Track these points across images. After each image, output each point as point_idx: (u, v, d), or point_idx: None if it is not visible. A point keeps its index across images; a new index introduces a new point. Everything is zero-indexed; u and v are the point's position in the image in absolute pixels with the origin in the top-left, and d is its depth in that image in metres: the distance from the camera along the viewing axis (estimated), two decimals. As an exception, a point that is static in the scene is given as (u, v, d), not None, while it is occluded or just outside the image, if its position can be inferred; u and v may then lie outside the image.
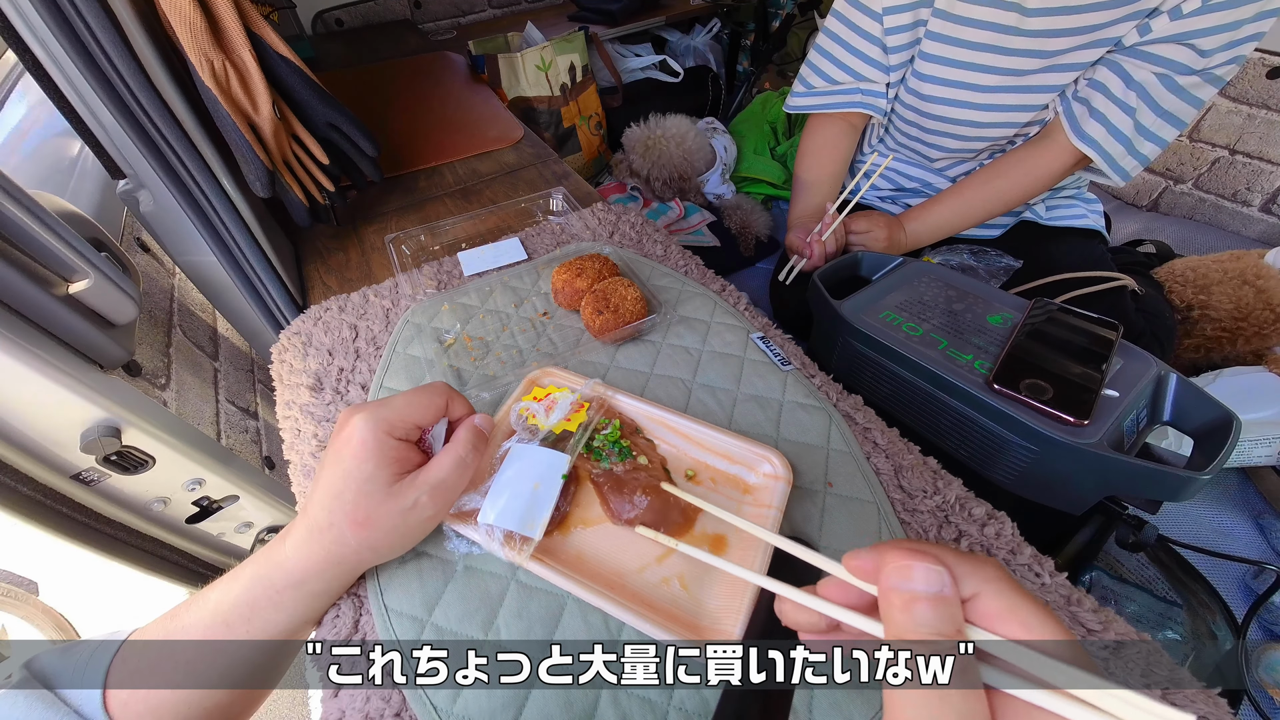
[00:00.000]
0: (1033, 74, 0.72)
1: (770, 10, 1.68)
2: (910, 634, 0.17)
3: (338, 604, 0.39)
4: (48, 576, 0.75)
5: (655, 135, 1.21)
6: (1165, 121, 0.67)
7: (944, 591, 0.18)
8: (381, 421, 0.34)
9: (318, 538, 0.34)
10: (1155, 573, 0.69)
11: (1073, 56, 0.69)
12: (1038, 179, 0.78)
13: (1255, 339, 0.87)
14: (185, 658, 0.33)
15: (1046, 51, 0.69)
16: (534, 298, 0.62)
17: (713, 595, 0.38)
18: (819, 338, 0.69)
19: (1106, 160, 0.70)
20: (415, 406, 0.36)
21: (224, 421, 0.80)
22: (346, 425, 0.35)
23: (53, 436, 0.55)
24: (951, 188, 0.86)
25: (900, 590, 0.18)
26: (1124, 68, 0.67)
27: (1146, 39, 0.65)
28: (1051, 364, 0.52)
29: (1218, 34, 0.61)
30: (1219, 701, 0.34)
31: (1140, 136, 0.68)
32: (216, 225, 0.60)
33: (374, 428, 0.34)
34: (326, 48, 1.38)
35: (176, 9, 0.50)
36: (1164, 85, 0.65)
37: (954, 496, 0.44)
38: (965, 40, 0.73)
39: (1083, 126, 0.71)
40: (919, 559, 0.18)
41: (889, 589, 0.18)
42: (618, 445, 0.44)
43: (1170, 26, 0.63)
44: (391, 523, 0.34)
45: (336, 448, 0.35)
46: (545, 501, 0.40)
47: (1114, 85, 0.68)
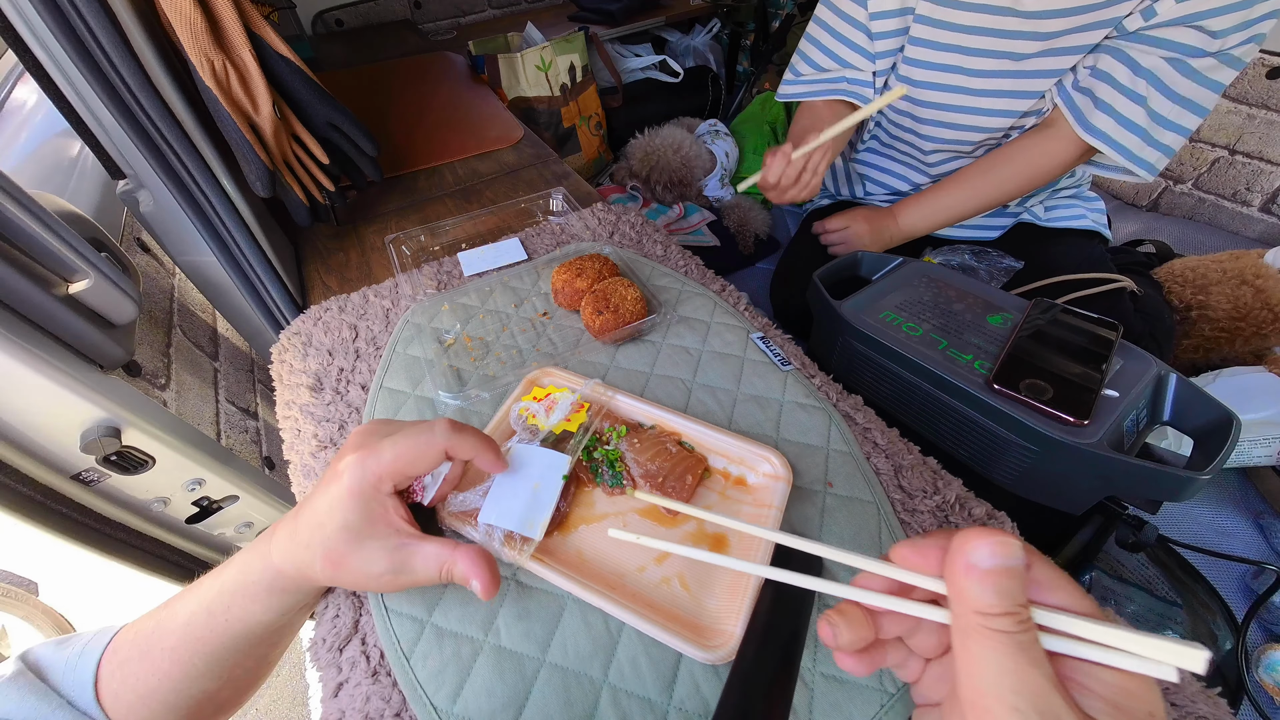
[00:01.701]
0: (1030, 58, 0.69)
1: (770, 10, 1.68)
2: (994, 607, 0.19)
3: (338, 604, 0.39)
4: (48, 576, 0.75)
5: (654, 144, 1.23)
6: (1184, 108, 0.63)
7: (1020, 564, 0.20)
8: (370, 475, 0.34)
9: (297, 550, 0.34)
10: (1155, 573, 0.69)
11: (1071, 39, 0.66)
12: (1042, 169, 0.74)
13: (1254, 339, 0.87)
14: (170, 644, 0.33)
15: (1043, 33, 0.66)
16: (534, 298, 0.62)
17: (713, 595, 0.38)
18: (819, 338, 0.69)
19: (1122, 153, 0.66)
20: (410, 459, 0.34)
21: (224, 421, 0.80)
22: (340, 461, 0.34)
23: (53, 436, 0.55)
24: (951, 176, 0.83)
25: (980, 567, 0.19)
26: (1130, 55, 0.63)
27: (1152, 23, 0.61)
28: (1051, 364, 0.52)
29: (1229, 13, 0.57)
30: (1219, 701, 0.34)
31: (1158, 125, 0.64)
32: (216, 225, 0.60)
33: (361, 480, 0.33)
34: (326, 48, 1.38)
35: (177, 9, 0.50)
36: (1176, 70, 0.61)
37: (954, 496, 0.44)
38: (956, 24, 0.70)
39: (1089, 119, 0.67)
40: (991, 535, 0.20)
41: (968, 566, 0.20)
42: (613, 468, 0.44)
43: (1177, 9, 0.59)
44: (357, 576, 0.34)
45: (327, 480, 0.35)
46: (545, 502, 0.40)
47: (1120, 74, 0.64)
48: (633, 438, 0.45)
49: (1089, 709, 0.18)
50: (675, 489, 0.42)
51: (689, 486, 0.42)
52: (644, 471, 0.43)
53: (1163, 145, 0.65)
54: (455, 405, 0.50)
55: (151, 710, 0.32)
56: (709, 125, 1.37)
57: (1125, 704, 0.18)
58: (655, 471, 0.43)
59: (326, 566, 0.33)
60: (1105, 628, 0.19)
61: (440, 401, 0.50)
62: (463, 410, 0.50)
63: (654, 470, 0.43)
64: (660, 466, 0.43)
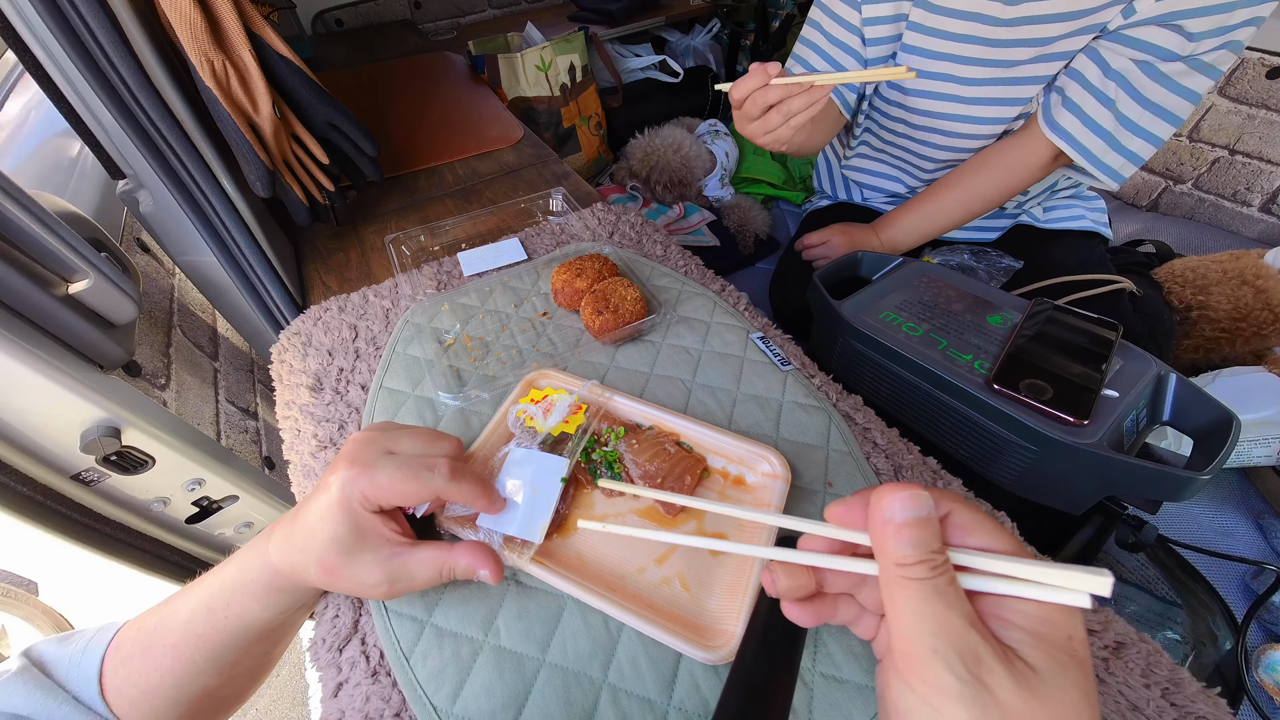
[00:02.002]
0: (1021, 64, 0.68)
1: (770, 10, 1.68)
2: (909, 558, 0.20)
3: (338, 604, 0.39)
4: (48, 576, 0.75)
5: (654, 144, 1.23)
6: (1154, 115, 0.61)
7: (931, 515, 0.21)
8: (357, 495, 0.33)
9: (293, 554, 0.34)
10: (1155, 573, 0.69)
11: (1061, 45, 0.65)
12: (1016, 174, 0.73)
13: (1254, 339, 0.87)
14: (172, 641, 0.33)
15: (1033, 40, 0.65)
16: (534, 298, 0.62)
17: (713, 596, 0.38)
18: (819, 338, 0.68)
19: (1086, 157, 0.65)
20: (401, 493, 0.34)
21: (224, 421, 0.80)
22: (333, 474, 0.34)
23: (53, 436, 0.55)
24: (930, 186, 0.82)
25: (894, 521, 0.21)
26: (1101, 55, 0.62)
27: (1130, 21, 0.60)
28: (1051, 364, 0.52)
29: (1207, 15, 0.56)
30: (1219, 701, 0.34)
31: (1125, 130, 0.63)
32: (216, 225, 0.60)
33: (348, 497, 0.33)
34: (326, 48, 1.38)
35: (176, 9, 0.50)
36: (1145, 73, 0.60)
37: (954, 496, 0.44)
38: (946, 31, 0.69)
39: (1054, 116, 0.66)
40: (903, 490, 0.21)
41: (885, 521, 0.21)
42: (611, 469, 0.44)
43: (1155, 7, 0.57)
44: (352, 585, 0.34)
45: (319, 489, 0.35)
46: (545, 505, 0.40)
47: (1090, 73, 0.63)
48: (631, 438, 0.45)
49: (1011, 640, 0.20)
50: (674, 489, 0.42)
51: (688, 487, 0.42)
52: (643, 472, 0.43)
53: (1128, 151, 0.64)
54: (455, 405, 0.50)
55: (154, 706, 0.32)
56: (709, 125, 1.37)
57: (1045, 632, 0.19)
58: (654, 472, 0.43)
59: (322, 574, 0.33)
60: (1019, 563, 0.20)
61: (440, 402, 0.50)
62: (462, 410, 0.50)
63: (652, 471, 0.43)
64: (659, 467, 0.43)
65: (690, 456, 0.45)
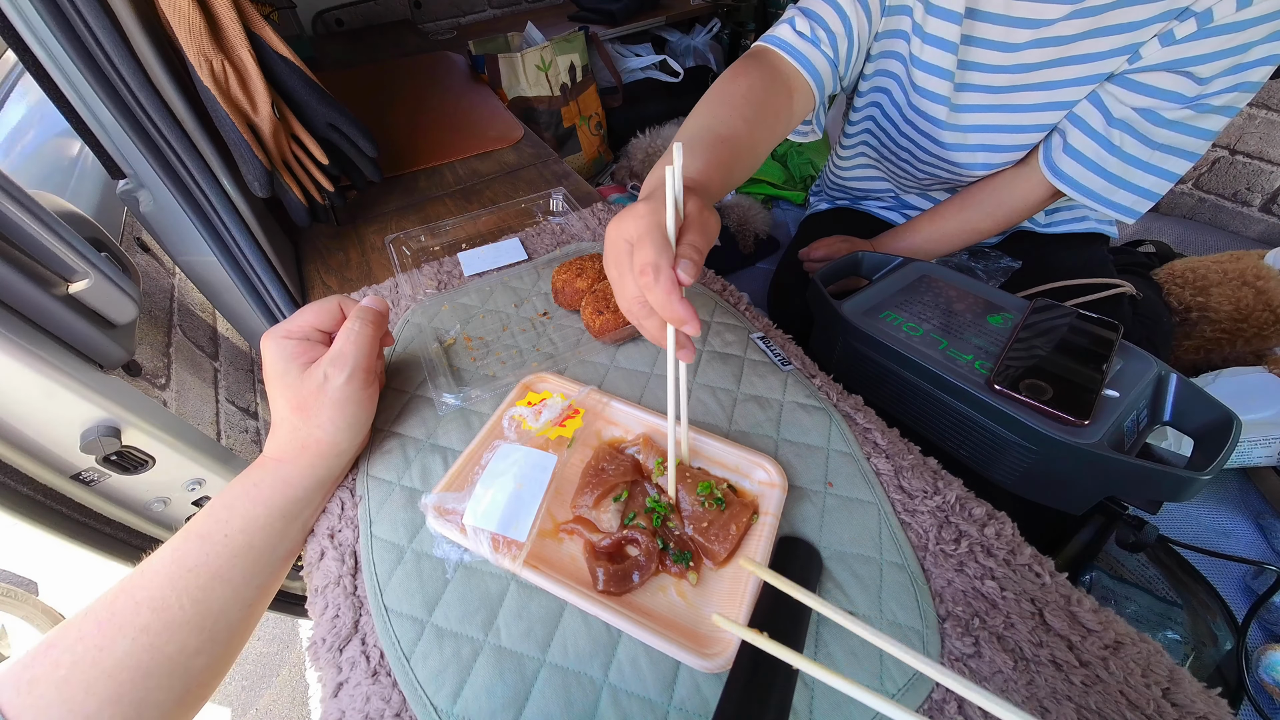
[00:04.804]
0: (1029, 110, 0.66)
1: (770, 10, 1.68)
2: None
3: (338, 604, 0.39)
4: (48, 576, 0.75)
5: (655, 144, 1.23)
6: (1165, 153, 0.60)
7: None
8: (278, 329, 0.43)
9: (282, 430, 0.41)
10: (1155, 573, 0.69)
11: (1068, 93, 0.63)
12: (1013, 209, 0.73)
13: (1255, 340, 0.87)
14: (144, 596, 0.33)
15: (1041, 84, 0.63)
16: (534, 298, 0.62)
17: (711, 604, 0.38)
18: (819, 338, 0.68)
19: (1090, 197, 0.64)
20: (308, 312, 0.44)
21: (224, 421, 0.80)
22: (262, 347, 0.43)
23: (53, 436, 0.54)
24: (922, 216, 0.80)
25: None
26: (1104, 101, 0.61)
27: (1136, 66, 0.58)
28: (1052, 364, 0.52)
29: (1218, 60, 0.54)
30: (1219, 702, 0.34)
31: (1134, 169, 0.61)
32: (216, 225, 0.60)
33: (271, 335, 0.43)
34: (326, 48, 1.38)
35: (176, 9, 0.50)
36: (1149, 120, 0.59)
37: (954, 497, 0.44)
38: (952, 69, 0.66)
39: (1055, 160, 0.65)
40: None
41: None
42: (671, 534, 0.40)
43: (1162, 53, 0.56)
44: (318, 402, 0.41)
45: (264, 366, 0.43)
46: (529, 503, 0.39)
47: (1094, 120, 0.62)
48: (684, 473, 0.42)
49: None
50: (719, 538, 0.39)
51: (733, 537, 0.39)
52: (691, 513, 0.41)
53: (1139, 188, 0.62)
54: (455, 405, 0.50)
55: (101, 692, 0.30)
56: (709, 125, 1.37)
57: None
58: (700, 515, 0.40)
59: (299, 413, 0.40)
60: None
61: (440, 401, 0.50)
62: (463, 410, 0.50)
63: (699, 514, 0.40)
64: (706, 510, 0.40)
65: (739, 502, 0.41)
